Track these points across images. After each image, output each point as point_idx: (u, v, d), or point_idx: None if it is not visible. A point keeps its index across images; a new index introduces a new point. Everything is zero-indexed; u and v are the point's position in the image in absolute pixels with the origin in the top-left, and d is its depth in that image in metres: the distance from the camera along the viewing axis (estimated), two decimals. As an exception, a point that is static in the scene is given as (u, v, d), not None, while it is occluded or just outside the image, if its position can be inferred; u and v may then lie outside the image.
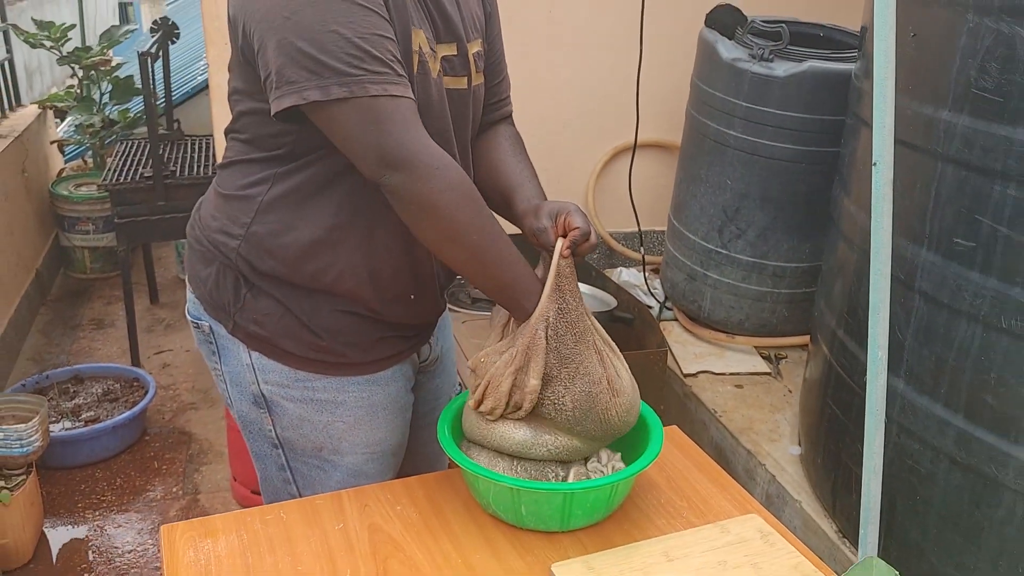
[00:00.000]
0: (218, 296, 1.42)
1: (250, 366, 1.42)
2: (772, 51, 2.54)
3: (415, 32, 1.26)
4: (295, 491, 1.52)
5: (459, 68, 1.36)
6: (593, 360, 1.32)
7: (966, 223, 1.57)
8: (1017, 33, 1.43)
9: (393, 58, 1.19)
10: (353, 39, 1.15)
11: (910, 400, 1.74)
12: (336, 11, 1.15)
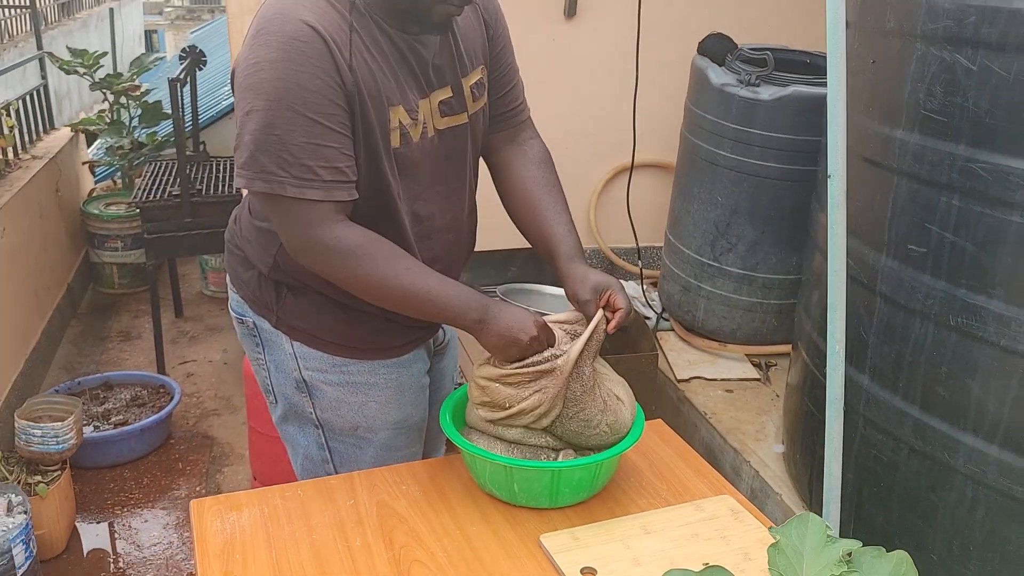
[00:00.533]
0: (261, 296, 1.60)
1: (293, 355, 1.61)
2: (758, 76, 2.71)
3: (393, 111, 1.42)
4: (332, 469, 1.69)
5: (456, 106, 1.53)
6: (596, 407, 1.48)
7: (918, 231, 1.74)
8: (957, 60, 1.60)
9: (325, 166, 1.36)
10: (289, 146, 1.34)
11: (874, 394, 1.89)
12: (283, 119, 1.33)
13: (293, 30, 1.32)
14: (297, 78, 1.32)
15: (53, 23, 8.78)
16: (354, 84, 1.36)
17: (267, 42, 1.33)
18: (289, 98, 1.32)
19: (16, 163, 4.14)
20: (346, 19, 1.37)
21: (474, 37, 1.56)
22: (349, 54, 1.35)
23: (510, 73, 1.65)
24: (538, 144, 1.71)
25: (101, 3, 11.84)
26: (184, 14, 25.10)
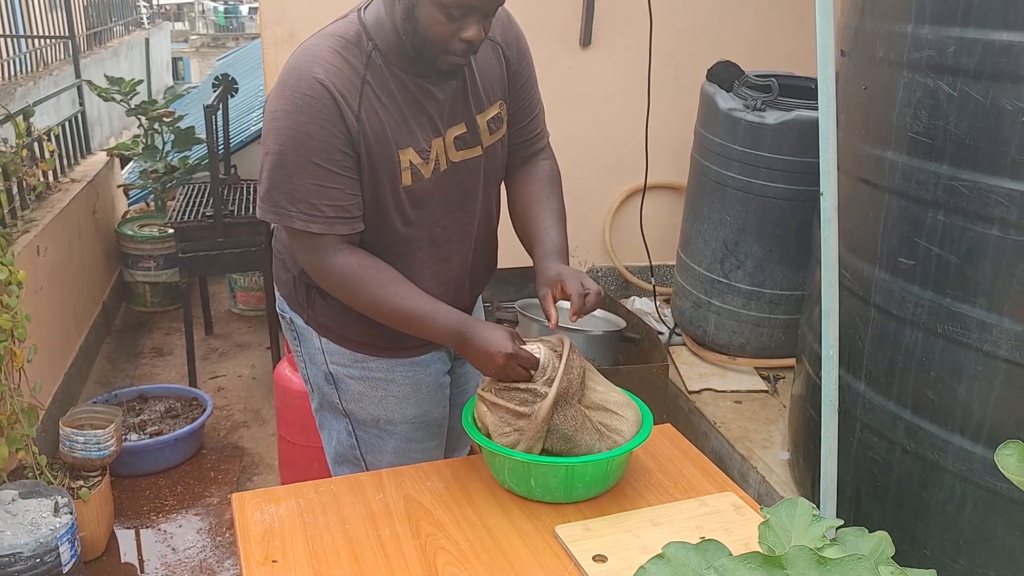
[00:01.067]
0: (295, 295, 1.79)
1: (321, 349, 1.77)
2: (764, 102, 2.85)
3: (402, 153, 1.59)
4: (359, 455, 1.85)
5: (471, 140, 1.68)
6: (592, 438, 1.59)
7: (908, 245, 1.86)
8: (939, 87, 1.74)
9: (329, 204, 1.55)
10: (297, 186, 1.54)
11: (869, 399, 2.01)
12: (294, 163, 1.53)
13: (306, 86, 1.50)
14: (306, 128, 1.50)
15: (86, 52, 9.05)
16: (360, 132, 1.53)
17: (284, 94, 1.52)
18: (298, 146, 1.51)
19: (56, 186, 4.33)
20: (359, 74, 1.54)
21: (493, 75, 1.69)
22: (358, 106, 1.53)
23: (531, 106, 1.79)
24: (548, 164, 1.84)
25: (131, 32, 12.17)
26: (209, 42, 25.57)
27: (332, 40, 1.55)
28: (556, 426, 1.58)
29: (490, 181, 1.77)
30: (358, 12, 1.60)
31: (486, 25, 1.51)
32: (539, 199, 1.79)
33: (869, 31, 1.96)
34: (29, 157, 3.79)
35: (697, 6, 3.52)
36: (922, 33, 1.76)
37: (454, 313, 1.63)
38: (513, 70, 1.73)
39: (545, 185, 1.81)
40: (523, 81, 1.76)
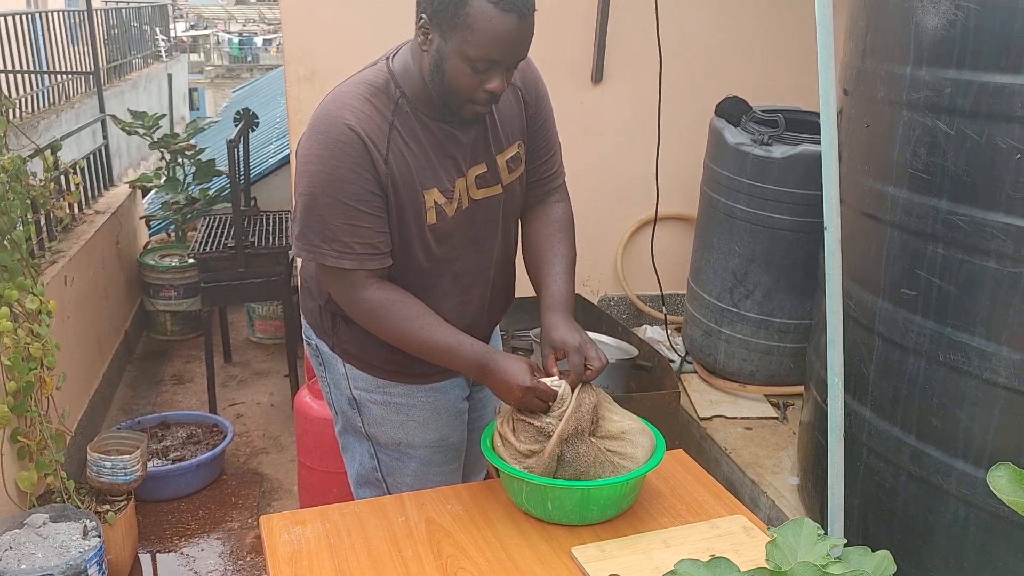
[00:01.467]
0: (321, 323, 1.87)
1: (345, 375, 1.86)
2: (771, 136, 2.93)
3: (427, 193, 1.68)
4: (380, 477, 1.92)
5: (491, 179, 1.76)
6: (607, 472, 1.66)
7: (909, 276, 1.93)
8: (937, 126, 1.82)
9: (360, 242, 1.64)
10: (329, 225, 1.62)
11: (875, 425, 2.07)
12: (326, 204, 1.62)
13: (337, 132, 1.59)
14: (337, 172, 1.60)
15: (107, 84, 9.25)
16: (388, 175, 1.63)
17: (316, 138, 1.62)
18: (330, 188, 1.60)
19: (81, 218, 4.44)
20: (387, 119, 1.63)
21: (512, 117, 1.78)
22: (386, 150, 1.62)
23: (547, 146, 1.87)
24: (562, 207, 1.91)
25: (150, 64, 12.39)
26: (223, 73, 25.92)
27: (362, 87, 1.64)
28: (569, 461, 1.65)
29: (508, 217, 1.85)
30: (387, 60, 1.69)
31: (508, 77, 1.59)
32: (551, 244, 1.86)
33: (870, 72, 2.05)
34: (56, 190, 3.91)
35: (705, 44, 3.62)
36: (920, 75, 1.85)
37: (477, 345, 1.71)
38: (531, 112, 1.81)
39: (557, 230, 1.88)
40: (540, 122, 1.84)
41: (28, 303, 2.87)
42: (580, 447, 1.65)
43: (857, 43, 2.13)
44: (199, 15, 30.88)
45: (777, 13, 3.62)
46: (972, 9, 1.72)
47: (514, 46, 1.54)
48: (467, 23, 1.50)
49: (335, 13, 3.20)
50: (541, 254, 1.85)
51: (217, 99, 21.01)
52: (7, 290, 2.74)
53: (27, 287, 2.89)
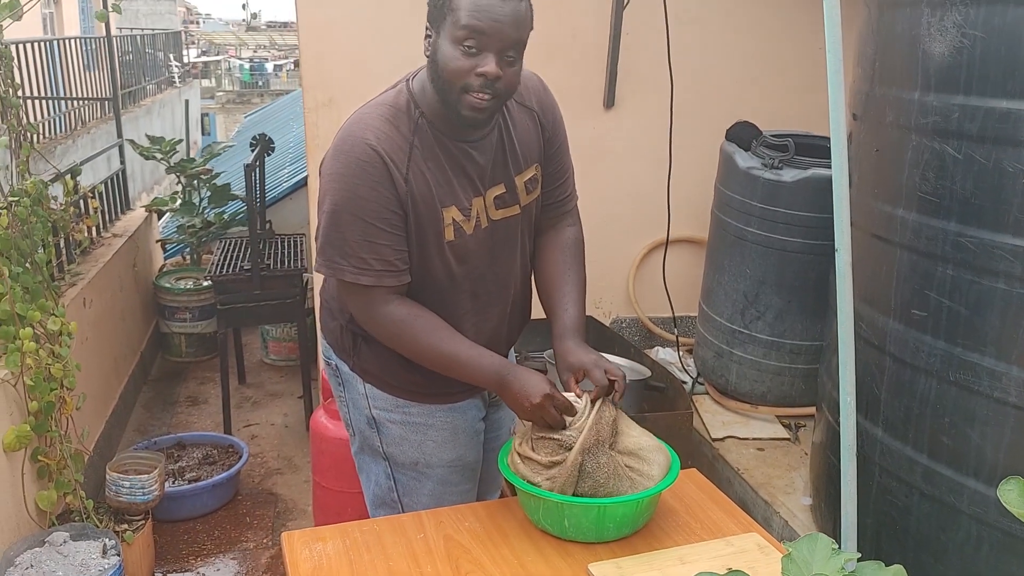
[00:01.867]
0: (342, 342, 1.91)
1: (364, 395, 1.89)
2: (781, 160, 2.98)
3: (446, 211, 1.72)
4: (396, 496, 1.94)
5: (509, 200, 1.81)
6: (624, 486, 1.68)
7: (919, 297, 1.96)
8: (945, 150, 1.86)
9: (378, 259, 1.68)
10: (349, 242, 1.67)
11: (887, 445, 2.10)
12: (347, 221, 1.66)
13: (359, 151, 1.65)
14: (358, 190, 1.64)
15: (122, 110, 9.37)
16: (407, 193, 1.67)
17: (339, 158, 1.67)
18: (351, 206, 1.65)
19: (99, 241, 4.51)
20: (407, 139, 1.68)
21: (530, 140, 1.83)
22: (406, 169, 1.67)
23: (562, 170, 1.92)
24: (573, 231, 1.96)
25: (163, 90, 12.55)
26: (234, 98, 26.18)
27: (383, 109, 1.70)
28: (589, 472, 1.67)
29: (526, 238, 1.89)
30: (407, 82, 1.75)
31: (503, 66, 1.61)
32: (562, 270, 1.90)
33: (879, 97, 2.09)
34: (75, 213, 3.97)
35: (716, 69, 3.67)
36: (928, 100, 1.89)
37: (496, 358, 1.74)
38: (548, 136, 1.86)
39: (569, 255, 1.92)
40: (556, 147, 1.89)
41: (50, 324, 2.92)
42: (601, 458, 1.67)
43: (866, 69, 2.17)
44: (211, 41, 31.26)
45: (787, 39, 3.68)
46: (978, 36, 1.77)
47: (499, 20, 1.56)
48: (451, 6, 1.57)
49: (352, 41, 3.27)
50: (552, 280, 1.89)
51: (228, 124, 21.23)
52: (30, 311, 2.79)
53: (49, 308, 2.95)
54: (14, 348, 2.71)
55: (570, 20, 3.51)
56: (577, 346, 1.78)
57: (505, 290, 1.87)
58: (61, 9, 12.47)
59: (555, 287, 1.88)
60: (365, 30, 3.27)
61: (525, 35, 1.62)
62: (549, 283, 1.90)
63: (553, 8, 3.50)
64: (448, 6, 1.58)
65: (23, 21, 2.81)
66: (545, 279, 1.91)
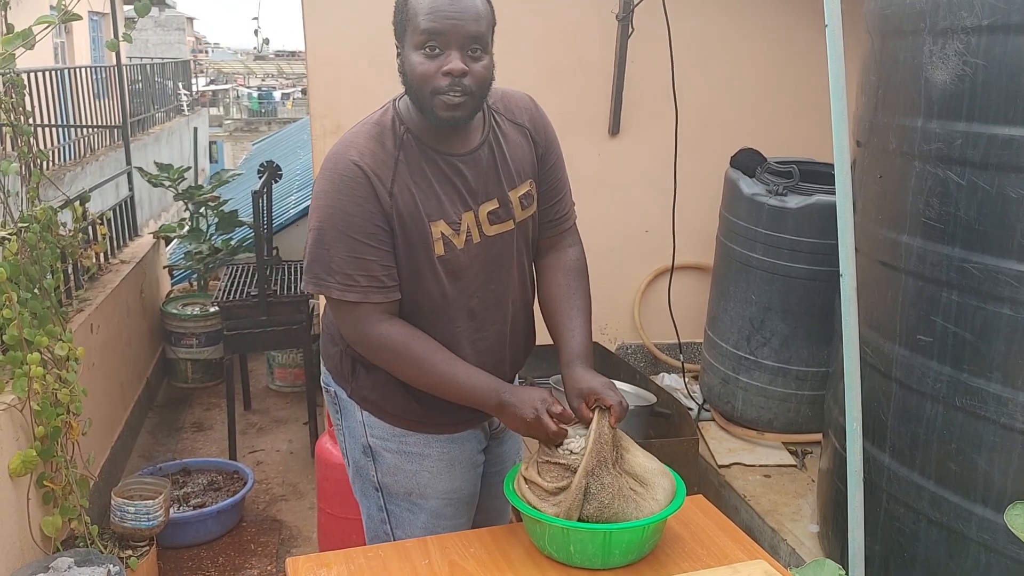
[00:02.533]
0: (341, 369, 1.90)
1: (361, 422, 1.88)
2: (785, 187, 2.99)
3: (434, 225, 1.72)
4: (389, 529, 1.93)
5: (503, 215, 1.81)
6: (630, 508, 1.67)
7: (925, 323, 1.97)
8: (949, 176, 1.87)
9: (364, 275, 1.68)
10: (335, 258, 1.67)
11: (894, 471, 2.09)
12: (332, 237, 1.67)
13: (343, 167, 1.67)
14: (342, 205, 1.66)
15: (131, 138, 9.45)
16: (392, 207, 1.68)
17: (325, 176, 1.69)
18: (336, 222, 1.67)
19: (107, 267, 4.53)
20: (393, 155, 1.70)
21: (524, 156, 1.83)
22: (391, 183, 1.68)
23: (558, 187, 1.91)
24: (575, 252, 1.95)
25: (172, 118, 12.66)
26: (242, 126, 26.38)
27: (368, 127, 1.73)
28: (593, 493, 1.66)
29: (523, 255, 1.88)
30: (393, 102, 1.78)
31: (469, 62, 1.63)
32: (567, 295, 1.88)
33: (882, 124, 2.11)
34: (83, 240, 4.00)
35: (720, 97, 3.71)
36: (931, 127, 1.90)
37: (493, 379, 1.73)
38: (541, 152, 1.87)
39: (573, 278, 1.91)
40: (551, 163, 1.89)
41: (57, 349, 2.93)
42: (605, 478, 1.67)
43: (869, 97, 2.19)
44: (219, 70, 31.54)
45: (791, 68, 3.72)
46: (980, 64, 1.79)
47: (452, 16, 1.59)
48: (408, 16, 1.62)
49: (359, 70, 3.31)
50: (558, 304, 1.88)
51: (235, 152, 21.38)
52: (38, 337, 2.80)
53: (56, 334, 2.96)
54: (21, 373, 2.72)
55: (576, 48, 3.55)
56: (585, 371, 1.77)
57: (502, 308, 1.86)
58: (72, 39, 12.63)
59: (561, 312, 1.87)
60: (372, 59, 3.31)
61: (485, 28, 1.64)
62: (554, 308, 1.88)
63: (560, 36, 3.54)
64: (407, 17, 1.62)
65: (35, 50, 2.85)
66: (550, 304, 1.90)
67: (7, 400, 2.69)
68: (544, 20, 3.50)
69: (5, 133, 3.78)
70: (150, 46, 25.23)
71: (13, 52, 2.31)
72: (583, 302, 1.88)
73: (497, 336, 1.87)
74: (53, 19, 2.36)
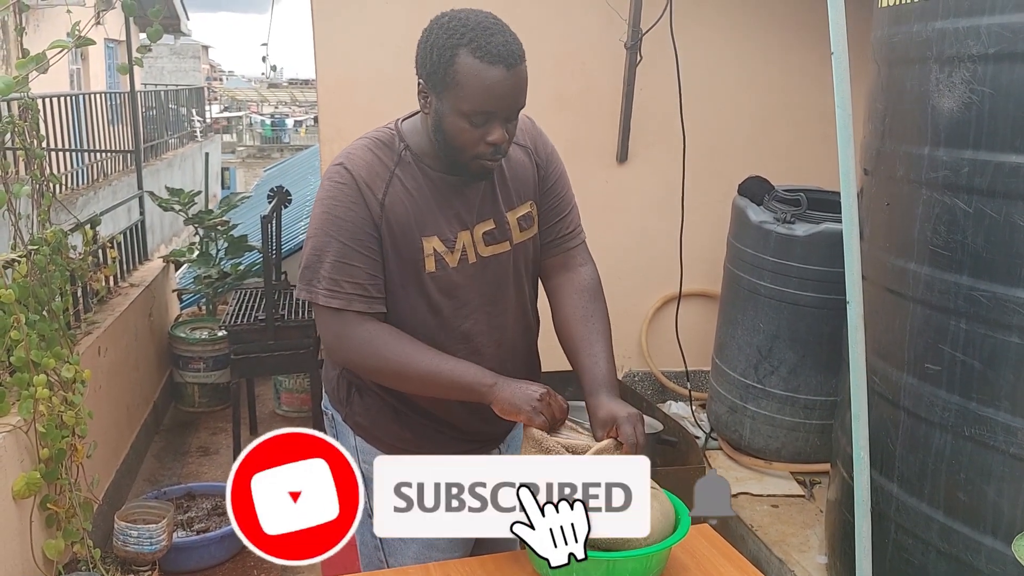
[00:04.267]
0: (337, 393, 1.89)
1: (355, 448, 1.86)
2: (793, 215, 2.99)
3: (426, 240, 1.72)
4: (383, 556, 1.90)
5: (499, 236, 1.78)
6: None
7: (933, 351, 1.95)
8: (956, 204, 1.86)
9: (350, 281, 1.67)
10: (324, 263, 1.66)
11: (903, 501, 2.07)
12: (323, 242, 1.67)
13: (334, 174, 1.69)
14: (334, 210, 1.67)
15: (144, 163, 9.54)
16: (382, 217, 1.68)
17: (322, 184, 1.72)
18: (327, 226, 1.67)
19: (116, 290, 4.54)
20: (388, 169, 1.71)
21: (525, 176, 1.82)
22: (383, 195, 1.68)
23: (562, 204, 1.88)
24: (587, 271, 1.90)
25: (185, 144, 12.78)
26: (255, 152, 26.57)
27: (366, 141, 1.75)
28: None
29: (521, 277, 1.85)
30: (396, 121, 1.79)
31: (510, 129, 1.63)
32: (585, 320, 1.82)
33: (889, 152, 2.11)
34: (93, 263, 4.02)
35: (728, 124, 3.72)
36: (938, 155, 1.90)
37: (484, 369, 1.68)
38: (543, 173, 1.85)
39: (588, 300, 1.85)
40: (553, 181, 1.87)
41: (64, 372, 2.94)
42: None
43: (876, 125, 2.19)
44: (233, 97, 31.84)
45: (798, 96, 3.73)
46: (986, 92, 1.79)
47: (506, 96, 1.58)
48: (456, 80, 1.56)
49: (369, 97, 3.34)
50: (575, 330, 1.82)
51: (248, 178, 21.52)
52: (45, 359, 2.81)
53: (63, 356, 2.96)
54: (27, 395, 2.72)
55: (584, 75, 3.57)
56: (610, 399, 1.71)
57: (498, 331, 1.83)
58: (88, 66, 12.79)
59: (579, 337, 1.81)
60: (381, 86, 3.33)
61: (526, 94, 1.64)
62: (572, 332, 1.82)
63: (568, 63, 3.56)
64: (451, 79, 1.57)
65: (51, 76, 2.89)
66: (567, 328, 1.83)
67: (12, 422, 2.69)
68: (553, 47, 3.52)
69: (18, 156, 3.82)
70: (165, 73, 25.53)
71: (26, 76, 2.33)
72: (602, 324, 1.82)
73: (495, 360, 1.81)
74: (67, 44, 2.39)
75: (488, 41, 1.55)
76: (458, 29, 1.57)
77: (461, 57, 1.55)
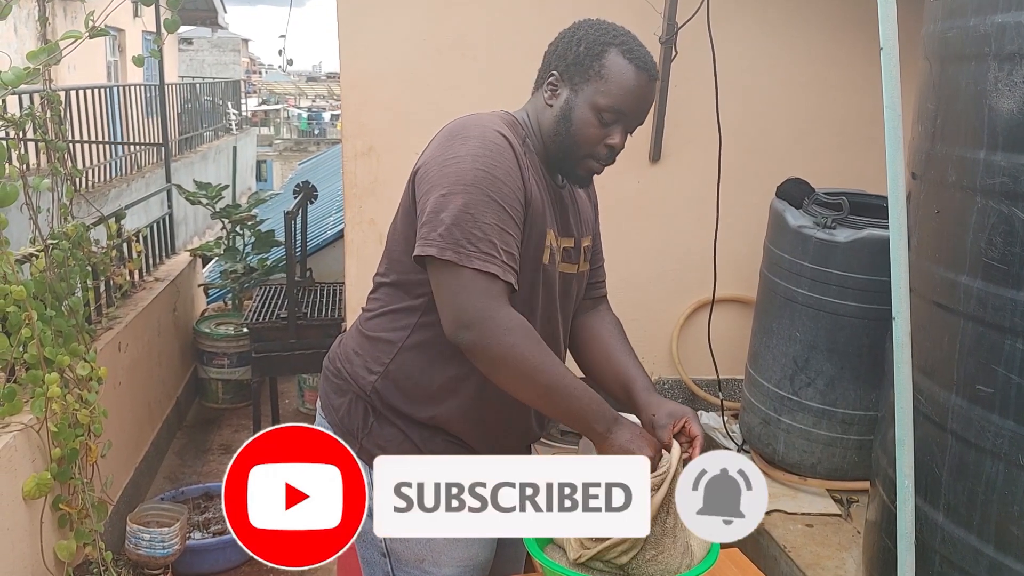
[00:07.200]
0: (348, 422, 1.71)
1: (369, 483, 1.73)
2: (834, 219, 2.84)
3: (548, 232, 1.65)
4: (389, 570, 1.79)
5: (574, 256, 1.75)
6: (677, 551, 1.56)
7: (985, 372, 1.81)
8: (1015, 214, 1.72)
9: (505, 249, 1.52)
10: (481, 224, 1.49)
11: (949, 532, 1.92)
12: (479, 201, 1.51)
13: (492, 135, 1.57)
14: (494, 171, 1.53)
15: (177, 156, 9.56)
16: (526, 194, 1.59)
17: (467, 141, 1.56)
18: (486, 185, 1.52)
19: (140, 284, 4.51)
20: (521, 150, 1.61)
21: (588, 213, 1.83)
22: (527, 171, 1.61)
23: (600, 252, 1.92)
24: (614, 318, 1.91)
25: (220, 137, 12.81)
26: (292, 146, 26.73)
27: (499, 118, 1.64)
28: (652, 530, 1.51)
29: (570, 305, 1.80)
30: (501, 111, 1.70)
31: (624, 139, 1.63)
32: (620, 344, 1.83)
33: (940, 156, 1.96)
34: (117, 257, 3.98)
35: (767, 123, 3.57)
36: (995, 160, 1.76)
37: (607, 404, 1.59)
38: (595, 214, 1.89)
39: (620, 339, 1.85)
40: (598, 228, 1.91)
41: (79, 369, 2.88)
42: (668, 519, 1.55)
43: (926, 126, 2.05)
44: (271, 91, 32.05)
45: (842, 94, 3.57)
46: (1051, 93, 1.64)
47: (640, 103, 1.61)
48: (601, 74, 1.59)
49: (392, 92, 3.24)
50: (611, 353, 1.82)
51: (284, 171, 21.61)
52: (59, 356, 2.75)
53: (80, 353, 2.91)
54: (40, 393, 2.66)
55: (617, 72, 3.44)
56: (662, 399, 1.69)
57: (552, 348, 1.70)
58: (125, 58, 12.86)
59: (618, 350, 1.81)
60: (405, 81, 3.24)
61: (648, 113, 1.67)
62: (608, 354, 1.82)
63: (599, 60, 3.43)
64: (597, 71, 1.60)
65: (87, 68, 2.84)
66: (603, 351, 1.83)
67: (24, 420, 2.64)
68: (585, 42, 3.40)
69: (41, 149, 3.79)
70: (206, 66, 25.74)
71: (39, 68, 2.26)
72: (636, 357, 1.83)
73: None
74: (80, 34, 2.31)
75: (638, 47, 1.62)
76: (609, 31, 1.63)
77: (611, 54, 1.59)
